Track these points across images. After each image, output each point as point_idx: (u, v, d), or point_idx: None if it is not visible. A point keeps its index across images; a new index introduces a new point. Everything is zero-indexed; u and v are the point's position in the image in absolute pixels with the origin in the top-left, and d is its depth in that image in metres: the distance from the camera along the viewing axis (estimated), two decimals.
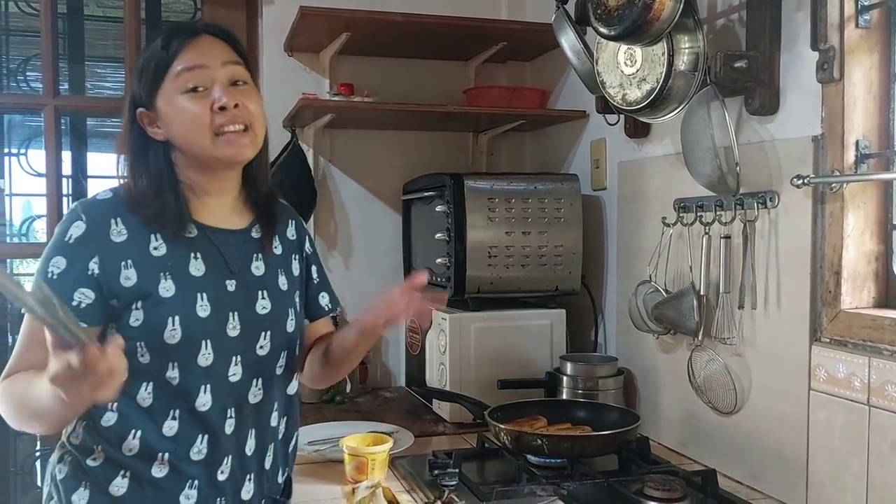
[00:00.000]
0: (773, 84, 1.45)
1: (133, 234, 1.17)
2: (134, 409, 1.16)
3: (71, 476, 1.19)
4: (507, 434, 1.59)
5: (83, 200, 1.21)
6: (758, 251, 1.50)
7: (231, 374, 1.20)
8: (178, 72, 1.16)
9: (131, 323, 1.15)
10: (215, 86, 1.16)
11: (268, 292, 1.26)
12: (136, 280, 1.15)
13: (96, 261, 1.14)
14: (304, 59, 2.36)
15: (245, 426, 1.23)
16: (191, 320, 1.16)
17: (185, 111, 1.16)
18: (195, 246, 1.21)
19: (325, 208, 2.42)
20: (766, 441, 1.49)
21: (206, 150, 1.17)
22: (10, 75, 2.44)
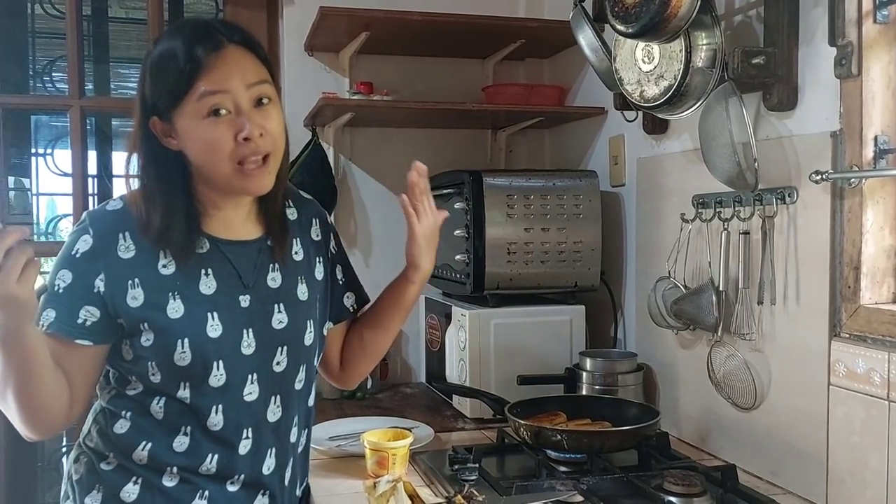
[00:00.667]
0: (792, 80, 1.45)
1: (141, 251, 1.13)
2: (147, 419, 1.16)
3: (86, 478, 1.19)
4: (527, 429, 1.60)
5: (92, 211, 1.18)
6: (777, 247, 1.50)
7: (247, 394, 1.18)
8: (200, 93, 1.08)
9: (143, 343, 1.13)
10: (240, 113, 1.10)
11: (284, 305, 1.22)
12: (143, 301, 1.12)
13: (102, 278, 1.11)
14: (324, 58, 2.38)
15: (262, 446, 1.21)
16: (201, 342, 1.13)
17: (205, 136, 1.09)
18: (206, 262, 1.17)
19: (346, 206, 2.44)
20: (786, 436, 1.49)
21: (225, 179, 1.12)
22: (37, 77, 2.48)
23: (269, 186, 1.16)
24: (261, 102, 1.12)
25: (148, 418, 1.16)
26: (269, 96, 1.14)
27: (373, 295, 2.34)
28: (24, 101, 2.34)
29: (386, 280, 2.42)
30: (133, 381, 1.17)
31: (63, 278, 1.12)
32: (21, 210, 2.56)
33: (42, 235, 2.56)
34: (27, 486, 2.38)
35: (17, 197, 2.54)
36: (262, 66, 1.15)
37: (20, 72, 2.40)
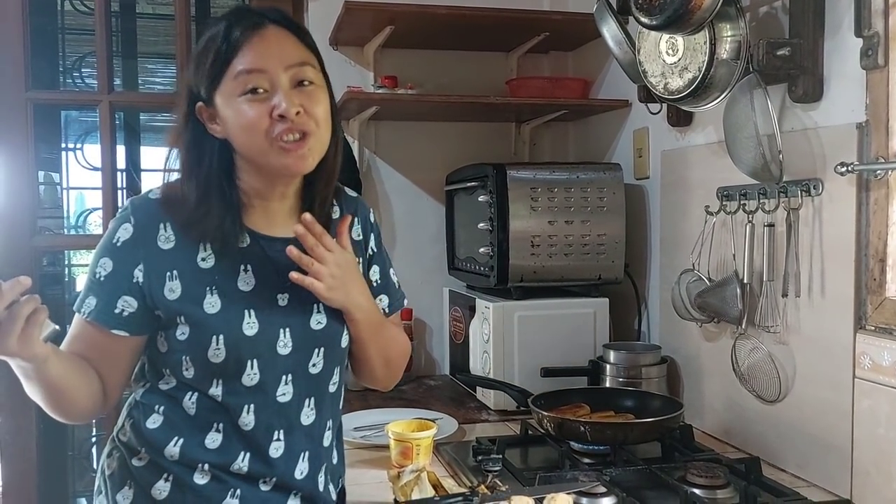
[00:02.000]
0: (817, 71, 1.44)
1: (181, 242, 1.12)
2: (180, 415, 1.14)
3: (118, 473, 1.18)
4: (551, 421, 1.61)
5: (135, 199, 1.17)
6: (801, 239, 1.49)
7: (280, 395, 1.15)
8: (237, 72, 1.07)
9: (178, 336, 1.12)
10: (277, 90, 1.08)
11: (324, 305, 1.18)
12: (180, 293, 1.11)
13: (141, 268, 1.11)
14: (349, 52, 2.40)
15: (295, 450, 1.18)
16: (236, 339, 1.11)
17: (242, 115, 1.08)
18: (246, 258, 1.15)
19: (370, 199, 2.46)
20: (811, 429, 1.49)
21: (262, 158, 1.10)
22: (66, 73, 2.53)
23: (310, 167, 1.13)
24: (302, 84, 1.10)
25: (180, 413, 1.15)
26: (311, 80, 1.11)
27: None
28: (54, 96, 2.39)
29: (410, 273, 2.46)
30: (167, 374, 1.16)
31: (104, 266, 1.12)
32: (51, 204, 2.61)
33: (71, 229, 2.61)
34: (59, 474, 2.44)
35: (47, 191, 2.59)
36: (305, 49, 1.13)
37: (50, 68, 2.45)
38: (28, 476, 2.18)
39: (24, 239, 2.18)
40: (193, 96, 1.12)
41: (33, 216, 2.22)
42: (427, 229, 2.50)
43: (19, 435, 2.15)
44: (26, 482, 2.18)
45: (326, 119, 1.13)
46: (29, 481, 2.18)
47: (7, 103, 2.16)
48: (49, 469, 2.29)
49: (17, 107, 2.15)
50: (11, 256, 2.17)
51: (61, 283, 2.52)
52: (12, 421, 2.17)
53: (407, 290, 2.44)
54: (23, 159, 2.18)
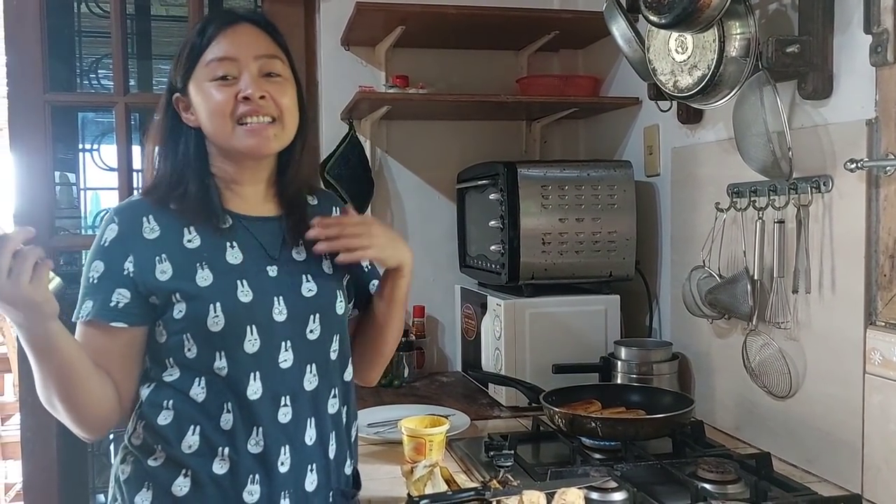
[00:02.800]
0: (826, 68, 1.45)
1: (165, 230, 1.17)
2: (189, 405, 1.17)
3: (133, 477, 1.19)
4: (562, 417, 1.62)
5: (116, 206, 1.23)
6: (812, 235, 1.50)
7: (282, 361, 1.19)
8: (208, 60, 1.16)
9: (175, 316, 1.15)
10: (244, 75, 1.16)
11: (312, 276, 1.25)
12: (171, 273, 1.15)
13: (131, 259, 1.15)
14: (361, 52, 2.42)
15: (303, 415, 1.21)
16: (233, 305, 1.16)
17: (210, 98, 1.16)
18: (230, 236, 1.20)
19: (382, 198, 2.48)
20: (822, 425, 1.50)
21: (227, 140, 1.17)
22: (83, 74, 2.56)
23: (276, 148, 1.21)
24: (270, 75, 1.19)
25: (190, 403, 1.17)
26: (279, 73, 1.20)
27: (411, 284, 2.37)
28: (72, 98, 2.41)
29: (422, 271, 2.47)
30: (170, 364, 1.18)
31: (96, 269, 1.16)
32: (67, 205, 2.64)
33: (89, 229, 2.64)
34: (79, 471, 2.47)
35: (63, 192, 2.61)
36: (275, 45, 1.21)
37: (67, 70, 2.47)
38: (49, 472, 2.21)
39: (43, 239, 2.21)
40: (171, 88, 1.21)
41: (51, 217, 2.25)
42: (438, 227, 2.52)
43: (40, 432, 2.18)
44: (47, 478, 2.22)
45: (292, 110, 1.21)
46: (50, 477, 2.22)
47: (26, 105, 2.19)
48: (69, 465, 2.32)
49: (35, 109, 2.19)
50: None
51: (78, 281, 2.55)
52: (33, 418, 2.20)
53: (419, 287, 2.49)
54: (41, 161, 2.21)
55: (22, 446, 2.23)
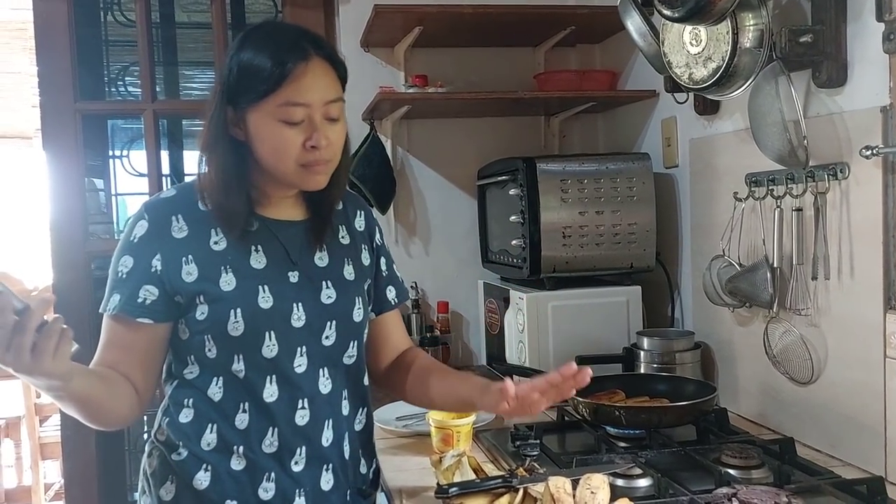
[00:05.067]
0: (840, 56, 1.46)
1: (193, 230, 1.21)
2: (207, 404, 1.22)
3: (159, 471, 1.24)
4: (587, 407, 1.65)
5: (147, 200, 1.26)
6: (830, 222, 1.52)
7: (297, 366, 1.23)
8: (283, 101, 1.15)
9: (198, 317, 1.19)
10: (313, 124, 1.17)
11: (332, 282, 1.28)
12: (197, 275, 1.19)
13: (158, 258, 1.19)
14: (380, 53, 2.46)
15: (320, 416, 1.25)
16: (253, 312, 1.19)
17: (277, 138, 1.17)
18: (256, 239, 1.24)
19: (404, 196, 2.52)
20: (844, 409, 1.51)
21: (287, 177, 1.20)
22: (111, 83, 2.62)
23: (324, 185, 1.24)
24: (331, 119, 1.20)
25: (208, 402, 1.22)
26: (337, 116, 1.22)
27: (433, 278, 2.43)
28: (102, 106, 2.47)
29: (445, 267, 2.52)
30: (191, 362, 1.23)
31: (125, 264, 1.19)
32: (96, 210, 2.70)
33: (120, 234, 2.70)
34: (116, 468, 2.53)
35: (93, 198, 2.67)
36: (339, 83, 1.23)
37: (95, 78, 2.54)
38: (88, 469, 2.28)
39: (78, 245, 2.28)
40: (227, 99, 1.19)
41: (85, 223, 2.32)
42: (460, 224, 2.55)
43: (80, 431, 2.25)
44: (87, 476, 2.28)
45: (342, 145, 1.25)
46: (89, 474, 2.28)
47: (58, 114, 2.25)
48: (107, 463, 2.38)
49: (66, 117, 2.25)
50: (66, 261, 2.27)
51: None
52: (72, 418, 2.25)
53: (442, 283, 2.53)
54: (74, 168, 2.28)
55: (62, 445, 2.30)
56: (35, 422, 3.72)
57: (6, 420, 4.04)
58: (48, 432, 3.75)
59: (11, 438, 4.07)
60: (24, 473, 4.08)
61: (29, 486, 3.82)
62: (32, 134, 7.50)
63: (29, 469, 3.85)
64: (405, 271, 2.48)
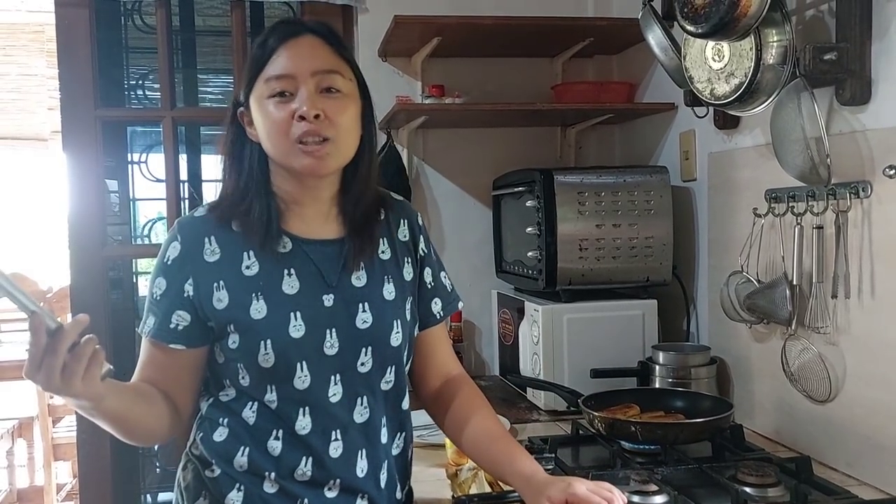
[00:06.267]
0: (865, 74, 1.45)
1: (225, 253, 1.17)
2: (241, 426, 1.18)
3: (193, 485, 1.22)
4: (602, 421, 1.64)
5: (181, 218, 1.24)
6: (851, 241, 1.51)
7: (332, 395, 1.18)
8: (268, 76, 1.14)
9: (230, 345, 1.16)
10: (300, 92, 1.13)
11: (370, 304, 1.21)
12: (227, 302, 1.15)
13: (190, 282, 1.16)
14: (398, 63, 2.46)
15: (353, 448, 1.20)
16: (284, 343, 1.14)
17: (268, 116, 1.14)
18: (289, 261, 1.18)
19: (420, 205, 2.52)
20: (862, 429, 1.50)
21: (285, 158, 1.15)
22: (130, 90, 2.64)
23: (332, 168, 1.18)
24: (329, 91, 1.15)
25: (242, 424, 1.18)
26: (339, 88, 1.16)
27: None
28: (121, 114, 2.49)
29: (459, 276, 2.51)
30: (227, 385, 1.21)
31: (159, 286, 1.18)
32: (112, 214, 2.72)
33: (138, 238, 2.72)
34: (130, 472, 2.55)
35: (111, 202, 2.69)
36: (338, 58, 1.17)
37: (116, 83, 2.55)
38: (103, 472, 2.29)
39: (96, 249, 2.29)
40: (237, 102, 1.20)
41: (103, 228, 2.33)
42: (475, 233, 2.55)
43: (94, 434, 2.25)
44: (101, 477, 2.29)
45: (351, 127, 1.18)
46: (104, 477, 2.29)
47: (78, 120, 2.27)
48: (121, 467, 2.39)
49: (86, 123, 2.26)
50: (85, 265, 2.28)
51: (122, 287, 2.64)
52: (88, 420, 2.27)
53: None
54: (93, 174, 2.29)
55: (78, 448, 2.31)
56: (48, 423, 3.74)
57: (19, 420, 4.06)
58: (61, 433, 3.77)
59: (24, 439, 4.10)
60: (37, 473, 4.10)
61: (41, 487, 3.85)
62: (48, 136, 7.56)
63: (41, 469, 3.87)
64: None
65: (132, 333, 2.60)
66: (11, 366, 4.08)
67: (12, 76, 5.82)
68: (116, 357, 2.35)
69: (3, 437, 3.84)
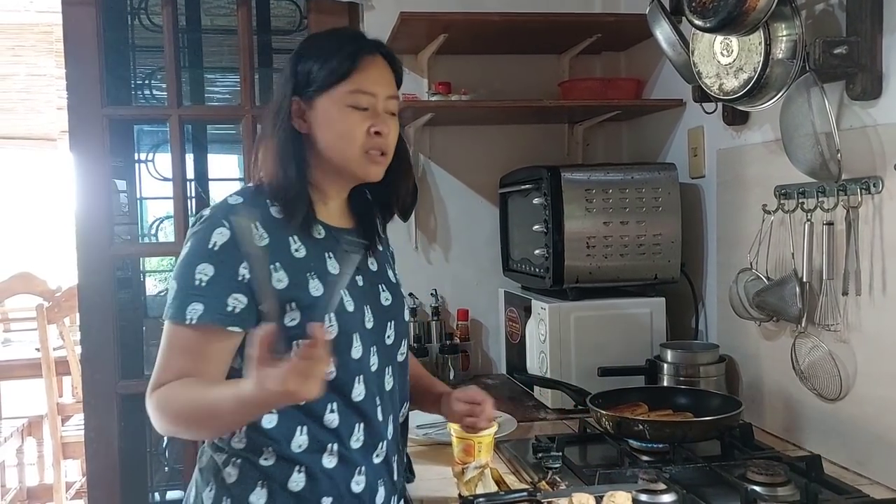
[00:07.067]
0: (876, 69, 1.44)
1: (273, 238, 1.21)
2: (293, 407, 1.18)
3: (243, 478, 1.21)
4: (609, 419, 1.63)
5: (215, 206, 1.24)
6: (861, 237, 1.49)
7: (372, 365, 1.28)
8: (354, 88, 1.23)
9: (287, 324, 1.18)
10: (376, 113, 1.25)
11: (385, 285, 1.35)
12: (287, 282, 1.19)
13: (245, 266, 1.17)
14: (404, 60, 2.35)
15: (388, 412, 1.31)
16: (342, 316, 1.23)
17: (344, 122, 1.24)
18: (326, 246, 1.27)
19: (426, 203, 2.51)
20: (873, 427, 1.48)
21: (347, 161, 1.25)
22: (137, 89, 2.64)
23: (381, 177, 1.30)
24: (390, 111, 1.29)
25: (295, 407, 1.18)
26: (394, 111, 1.30)
27: (453, 285, 2.42)
28: (128, 112, 2.48)
29: (465, 275, 2.51)
30: None
31: (204, 272, 1.17)
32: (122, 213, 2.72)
33: (144, 237, 2.73)
34: (137, 470, 2.55)
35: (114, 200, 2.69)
36: (395, 84, 1.32)
37: (123, 82, 2.55)
38: (111, 470, 2.29)
39: (104, 248, 2.29)
40: (296, 89, 1.26)
41: (111, 227, 2.32)
42: (482, 231, 2.54)
43: (102, 432, 2.26)
44: (109, 477, 2.29)
45: (394, 144, 1.31)
46: (112, 475, 2.29)
47: (85, 119, 2.26)
48: (129, 464, 2.39)
49: (94, 122, 2.26)
50: (92, 264, 2.28)
51: (131, 286, 2.64)
52: (96, 419, 2.28)
53: (462, 290, 2.52)
54: (101, 173, 2.29)
55: (85, 447, 2.31)
56: (57, 421, 3.75)
57: (29, 419, 4.07)
58: (70, 432, 3.78)
59: (34, 437, 4.11)
60: (46, 471, 4.11)
61: (50, 485, 3.85)
62: (57, 136, 7.59)
63: (51, 467, 3.88)
64: (425, 278, 2.51)
65: (140, 332, 2.60)
66: (20, 364, 4.08)
67: (21, 76, 5.85)
68: (124, 356, 2.35)
69: (12, 436, 3.85)
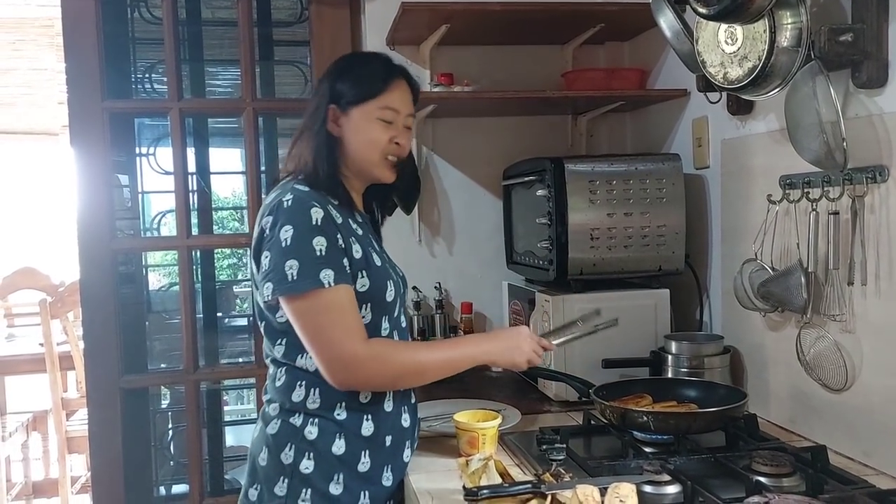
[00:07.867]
0: (882, 56, 1.42)
1: (342, 217, 1.46)
2: None
3: (322, 434, 1.44)
4: (613, 411, 1.63)
5: (298, 192, 1.44)
6: (867, 226, 1.48)
7: (403, 324, 1.58)
8: (384, 105, 1.51)
9: (358, 288, 1.44)
10: (399, 126, 1.54)
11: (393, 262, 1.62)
12: (361, 253, 1.46)
13: (339, 236, 1.42)
14: (406, 51, 2.44)
15: None
16: (395, 282, 1.52)
17: (374, 131, 1.51)
18: (365, 227, 1.55)
19: (429, 196, 2.50)
20: (879, 417, 1.48)
21: (370, 166, 1.54)
22: (138, 82, 2.62)
23: (393, 179, 1.58)
24: (408, 127, 1.58)
25: None
26: (411, 126, 1.60)
27: (456, 278, 2.41)
28: (128, 105, 2.47)
29: (469, 267, 2.50)
30: None
31: (320, 243, 1.39)
32: (123, 208, 2.71)
33: (147, 231, 2.72)
34: (142, 464, 2.55)
35: (119, 195, 2.68)
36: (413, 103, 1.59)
37: (123, 75, 2.54)
38: (115, 465, 2.28)
39: (105, 242, 2.29)
40: (333, 97, 1.52)
41: (112, 221, 2.32)
42: (485, 224, 2.54)
43: (106, 426, 2.26)
44: (113, 470, 2.29)
45: None
46: (115, 469, 2.29)
47: (85, 113, 2.25)
48: (134, 459, 2.39)
49: (94, 116, 2.25)
50: (94, 259, 2.27)
51: (134, 281, 2.64)
52: (100, 413, 2.28)
53: (466, 283, 2.52)
54: (101, 165, 2.28)
55: (90, 441, 2.31)
56: (62, 416, 3.76)
57: (34, 414, 4.09)
58: (74, 426, 3.79)
59: (39, 432, 4.12)
60: (51, 466, 4.13)
61: (56, 479, 3.87)
62: (59, 130, 7.59)
63: (56, 462, 3.89)
64: (429, 271, 2.50)
65: (142, 327, 2.60)
66: (25, 360, 4.08)
67: (22, 71, 5.83)
68: (127, 351, 2.35)
69: (17, 431, 3.86)
